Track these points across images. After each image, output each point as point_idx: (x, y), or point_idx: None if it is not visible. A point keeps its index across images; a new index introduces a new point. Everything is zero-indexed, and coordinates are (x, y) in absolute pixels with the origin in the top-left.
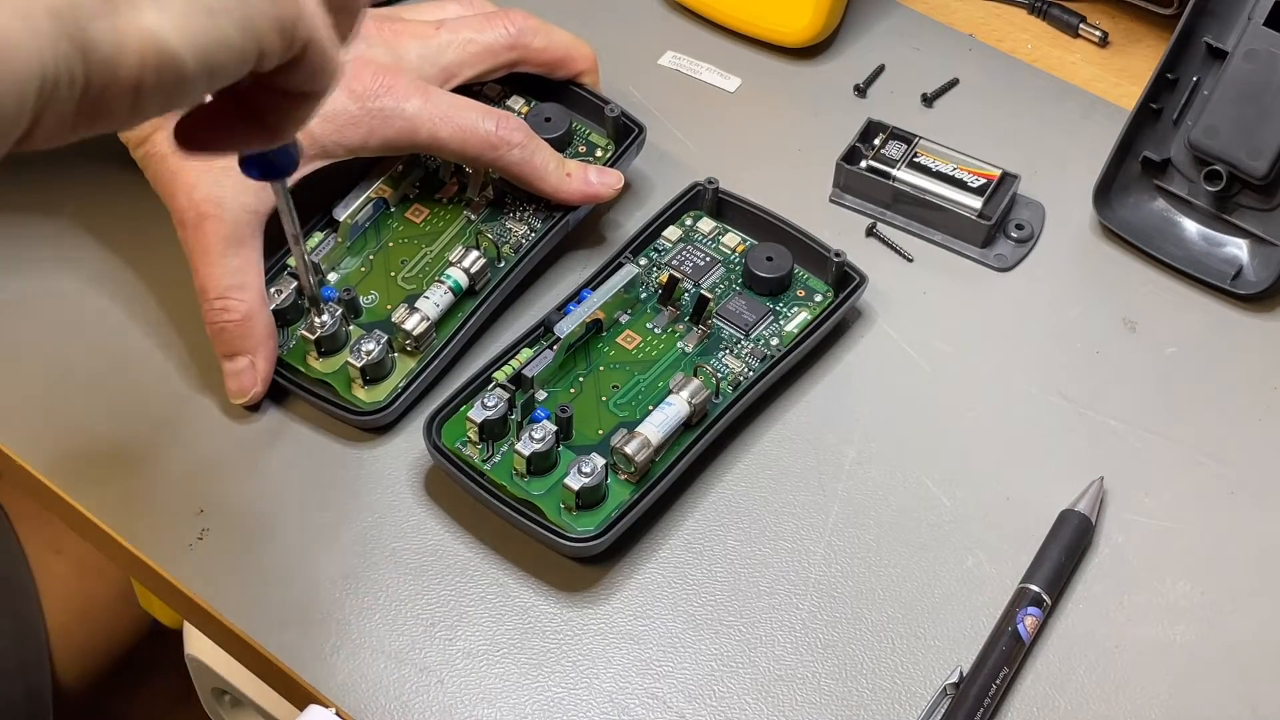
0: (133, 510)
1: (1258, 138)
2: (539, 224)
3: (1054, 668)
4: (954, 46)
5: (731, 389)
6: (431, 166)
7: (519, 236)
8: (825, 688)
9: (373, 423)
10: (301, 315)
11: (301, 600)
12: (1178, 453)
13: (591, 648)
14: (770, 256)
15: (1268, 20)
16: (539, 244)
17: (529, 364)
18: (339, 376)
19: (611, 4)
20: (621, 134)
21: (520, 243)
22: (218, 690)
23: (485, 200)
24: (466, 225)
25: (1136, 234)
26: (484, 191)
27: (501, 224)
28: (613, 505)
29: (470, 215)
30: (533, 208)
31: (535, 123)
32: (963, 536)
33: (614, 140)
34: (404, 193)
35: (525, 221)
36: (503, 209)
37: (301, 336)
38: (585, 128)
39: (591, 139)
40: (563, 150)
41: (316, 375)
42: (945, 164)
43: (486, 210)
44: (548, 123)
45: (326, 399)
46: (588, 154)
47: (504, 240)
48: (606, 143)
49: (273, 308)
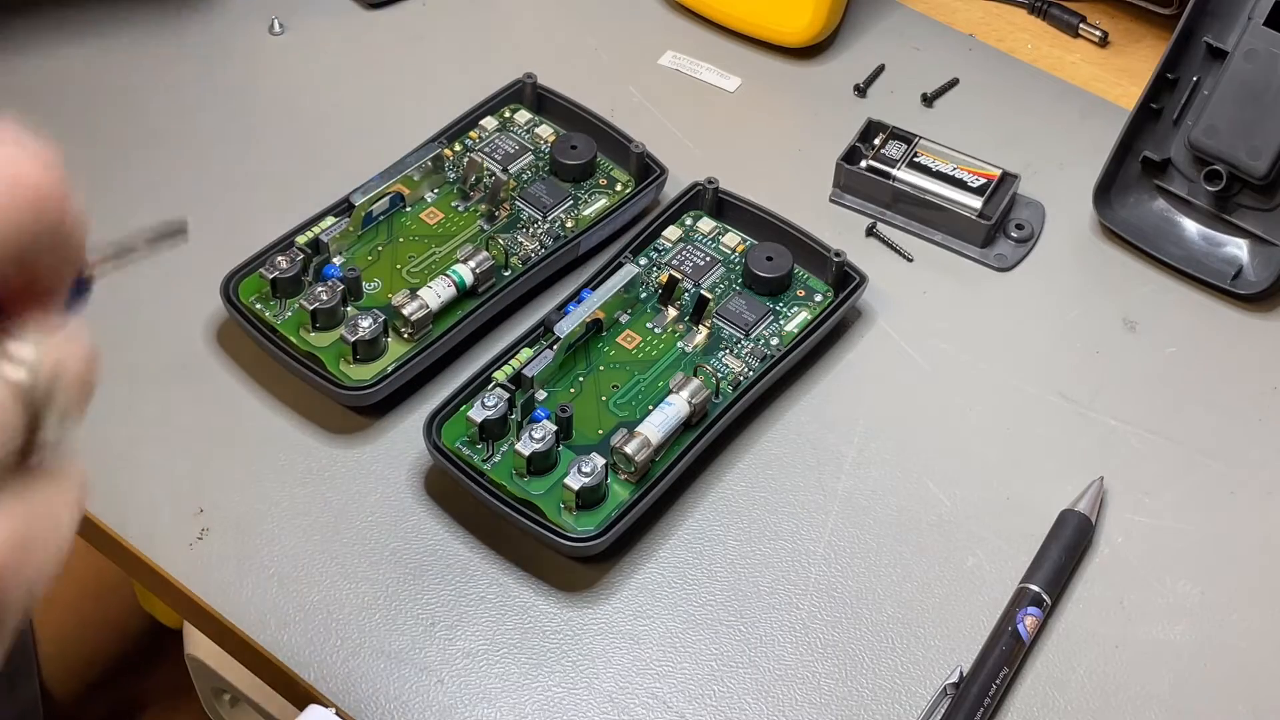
0: (133, 510)
1: (1258, 138)
2: (550, 241)
3: (1054, 668)
4: (954, 46)
5: (731, 389)
6: (452, 177)
7: (529, 250)
8: (825, 688)
9: (356, 400)
10: (301, 288)
11: (301, 600)
12: (1178, 453)
13: (591, 648)
14: (770, 256)
15: (1268, 20)
16: (547, 259)
17: (529, 364)
18: (330, 352)
19: (611, 4)
20: (643, 173)
21: (529, 256)
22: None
23: (505, 214)
24: (479, 233)
25: (1136, 234)
26: (504, 204)
27: (513, 237)
28: (613, 505)
29: (484, 225)
30: (547, 226)
31: (561, 149)
32: (963, 536)
33: (635, 178)
34: (421, 195)
35: (538, 238)
36: (518, 224)
37: (300, 307)
38: (609, 163)
39: (614, 174)
40: (585, 179)
41: (307, 348)
42: (945, 164)
43: (503, 221)
44: (573, 150)
45: (313, 371)
46: (608, 187)
47: (514, 251)
48: (627, 179)
49: (273, 277)
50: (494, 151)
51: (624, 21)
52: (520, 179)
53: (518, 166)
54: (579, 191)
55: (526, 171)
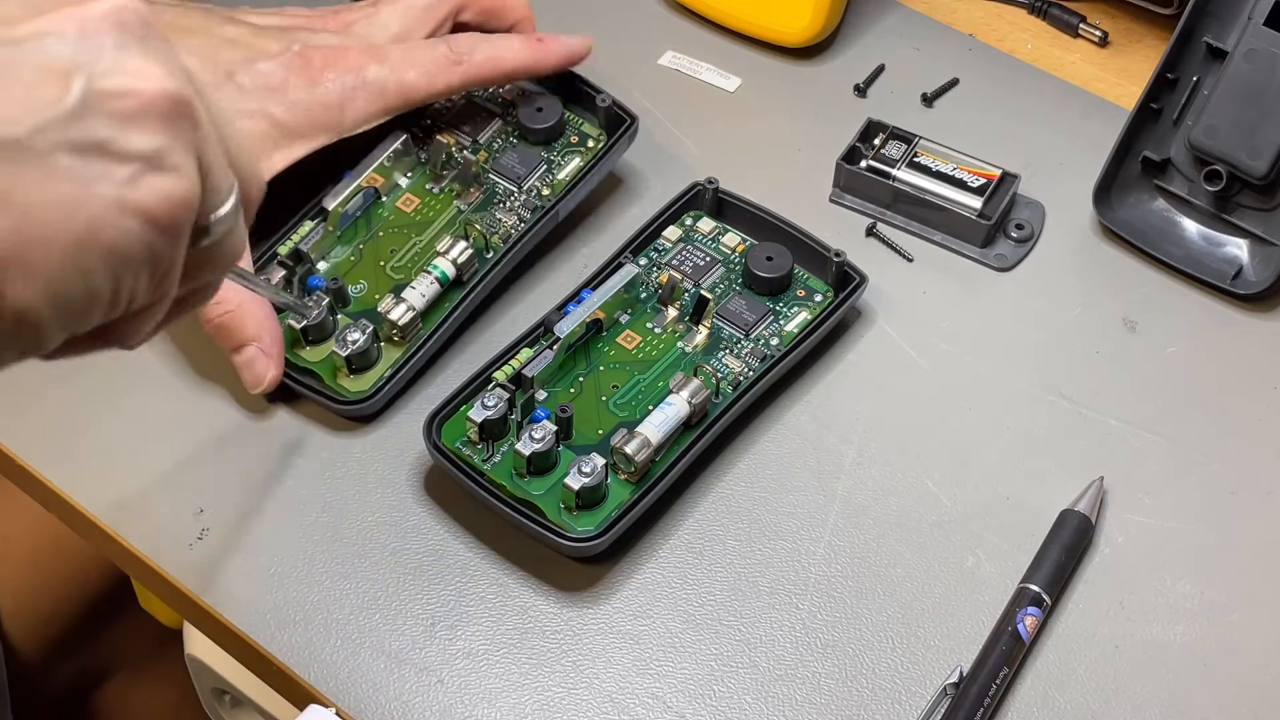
0: (133, 510)
1: (1258, 138)
2: (528, 215)
3: (1054, 668)
4: (954, 46)
5: (731, 389)
6: (423, 157)
7: (508, 227)
8: (825, 688)
9: (358, 411)
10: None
11: (301, 600)
12: (1178, 453)
13: (591, 648)
14: (770, 256)
15: (1268, 20)
16: (527, 235)
17: (529, 364)
18: (325, 365)
19: (611, 4)
20: (613, 125)
21: (510, 233)
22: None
23: (479, 192)
24: (457, 215)
25: (1136, 234)
26: (476, 181)
27: (491, 214)
28: (613, 505)
29: (461, 205)
30: (524, 198)
31: (527, 112)
32: (963, 536)
33: (606, 131)
34: (395, 181)
35: (515, 212)
36: (494, 199)
37: (289, 326)
38: (578, 118)
39: (584, 129)
40: (555, 140)
41: (304, 364)
42: (945, 164)
43: (478, 199)
44: (539, 112)
45: (313, 387)
46: (580, 144)
47: (493, 230)
48: (599, 133)
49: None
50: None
51: (624, 22)
52: (490, 148)
53: (486, 135)
54: (551, 154)
55: (496, 140)
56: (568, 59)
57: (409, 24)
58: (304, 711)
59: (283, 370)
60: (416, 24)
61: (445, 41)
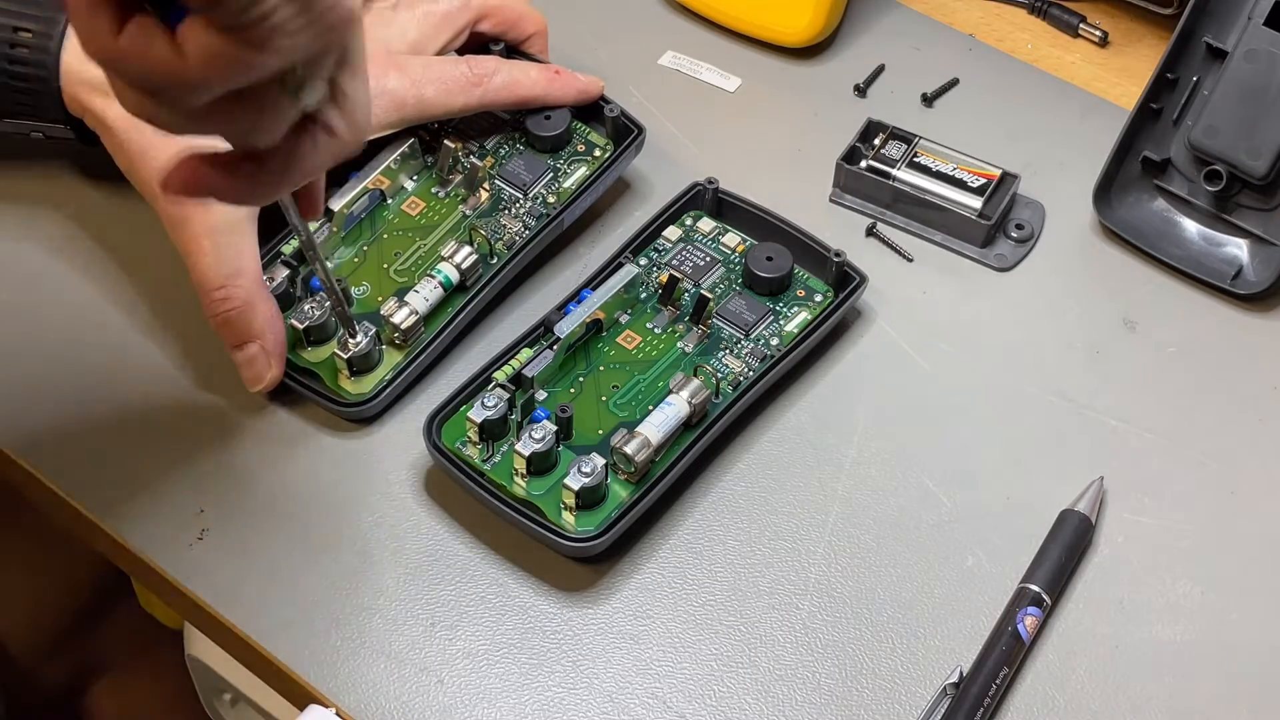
0: (133, 510)
1: (1258, 138)
2: (533, 222)
3: (1054, 668)
4: (954, 46)
5: (731, 389)
6: (430, 161)
7: (513, 233)
8: (825, 688)
9: (358, 414)
10: (291, 304)
11: (301, 600)
12: (1178, 453)
13: (591, 648)
14: (770, 256)
15: (1268, 20)
16: (532, 241)
17: (529, 364)
18: (327, 366)
19: (611, 4)
20: (620, 134)
21: (514, 240)
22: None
23: (485, 197)
24: (462, 220)
25: (1136, 234)
26: (483, 185)
27: (496, 220)
28: (613, 505)
29: (466, 210)
30: (529, 205)
31: (535, 120)
32: (963, 536)
33: (613, 140)
34: (401, 184)
35: (520, 218)
36: (499, 205)
37: (291, 326)
38: (585, 127)
39: (591, 138)
40: (562, 148)
41: (305, 364)
42: (945, 164)
43: (484, 205)
44: (547, 120)
45: (314, 389)
46: (586, 153)
47: (498, 236)
48: (605, 142)
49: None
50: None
51: (624, 22)
52: (497, 155)
53: (493, 141)
54: (557, 161)
55: (503, 146)
56: (579, 97)
57: (426, 32)
58: (304, 711)
59: (283, 371)
60: (434, 32)
61: (466, 61)
